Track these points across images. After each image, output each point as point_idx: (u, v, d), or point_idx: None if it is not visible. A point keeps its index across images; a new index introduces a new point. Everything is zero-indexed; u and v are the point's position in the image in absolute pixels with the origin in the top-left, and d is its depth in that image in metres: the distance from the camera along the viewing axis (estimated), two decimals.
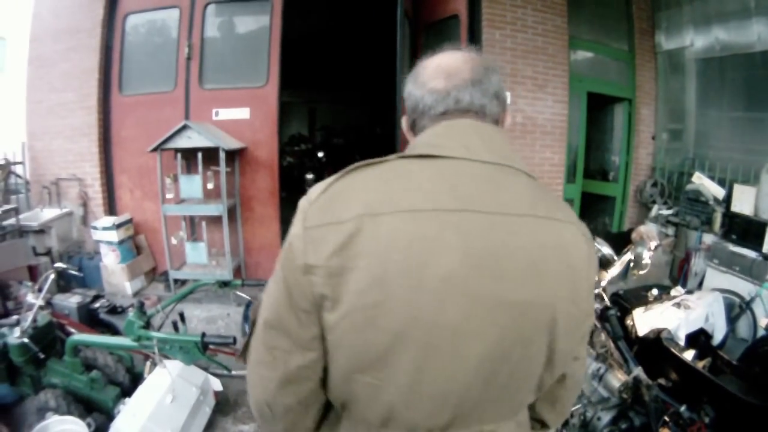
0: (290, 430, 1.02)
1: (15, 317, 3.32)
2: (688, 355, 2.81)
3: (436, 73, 1.03)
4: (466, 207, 0.87)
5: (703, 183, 5.20)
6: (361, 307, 0.85)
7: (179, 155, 5.09)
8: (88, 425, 2.75)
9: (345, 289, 0.85)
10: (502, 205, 0.89)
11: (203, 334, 2.75)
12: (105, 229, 5.18)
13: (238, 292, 3.72)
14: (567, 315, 0.91)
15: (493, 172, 0.93)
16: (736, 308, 4.29)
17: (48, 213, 5.53)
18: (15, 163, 5.95)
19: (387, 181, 0.91)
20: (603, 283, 2.69)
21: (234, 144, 4.96)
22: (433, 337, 0.86)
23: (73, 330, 3.57)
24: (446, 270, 0.84)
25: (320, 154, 12.78)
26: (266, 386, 0.97)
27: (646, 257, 2.70)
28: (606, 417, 2.52)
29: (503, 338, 0.88)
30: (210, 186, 5.07)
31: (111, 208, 5.79)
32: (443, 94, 1.01)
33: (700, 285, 4.79)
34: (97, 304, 4.28)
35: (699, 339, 3.40)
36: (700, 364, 2.77)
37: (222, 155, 4.78)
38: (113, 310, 4.29)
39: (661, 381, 2.61)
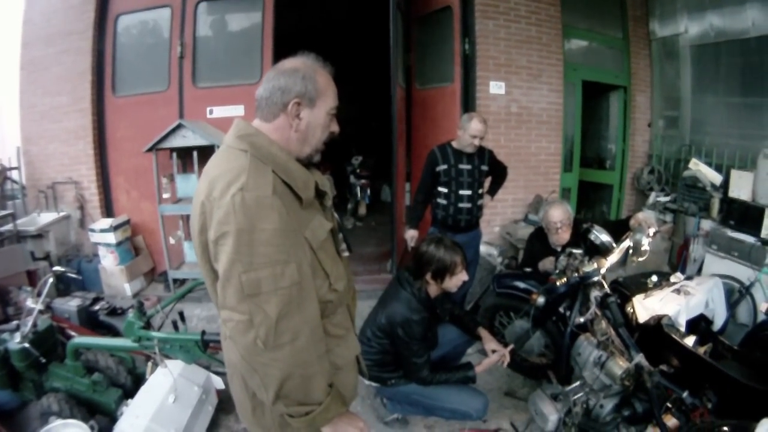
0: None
1: (15, 322, 3.31)
2: (689, 341, 2.81)
3: None
4: (204, 170, 1.44)
5: (700, 169, 5.18)
6: None
7: (174, 155, 5.10)
8: (92, 428, 2.75)
9: None
10: (209, 169, 1.41)
11: (203, 332, 2.74)
12: (103, 231, 5.17)
13: None
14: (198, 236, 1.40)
15: (224, 151, 1.41)
16: (736, 293, 4.27)
17: (45, 217, 5.52)
18: (11, 169, 5.94)
19: None
20: (602, 271, 2.69)
21: None
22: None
23: (73, 333, 3.56)
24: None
25: None
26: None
27: (645, 244, 2.70)
28: (609, 404, 2.53)
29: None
30: None
31: (108, 210, 5.78)
32: None
33: (699, 271, 4.78)
34: (97, 307, 4.25)
35: (699, 325, 3.39)
36: (701, 350, 2.78)
37: None
38: (113, 311, 4.26)
39: (663, 367, 2.61)
